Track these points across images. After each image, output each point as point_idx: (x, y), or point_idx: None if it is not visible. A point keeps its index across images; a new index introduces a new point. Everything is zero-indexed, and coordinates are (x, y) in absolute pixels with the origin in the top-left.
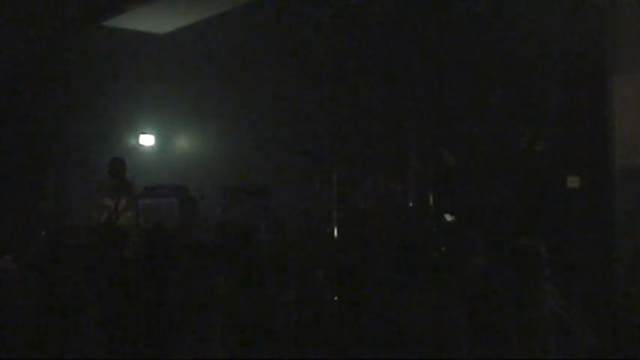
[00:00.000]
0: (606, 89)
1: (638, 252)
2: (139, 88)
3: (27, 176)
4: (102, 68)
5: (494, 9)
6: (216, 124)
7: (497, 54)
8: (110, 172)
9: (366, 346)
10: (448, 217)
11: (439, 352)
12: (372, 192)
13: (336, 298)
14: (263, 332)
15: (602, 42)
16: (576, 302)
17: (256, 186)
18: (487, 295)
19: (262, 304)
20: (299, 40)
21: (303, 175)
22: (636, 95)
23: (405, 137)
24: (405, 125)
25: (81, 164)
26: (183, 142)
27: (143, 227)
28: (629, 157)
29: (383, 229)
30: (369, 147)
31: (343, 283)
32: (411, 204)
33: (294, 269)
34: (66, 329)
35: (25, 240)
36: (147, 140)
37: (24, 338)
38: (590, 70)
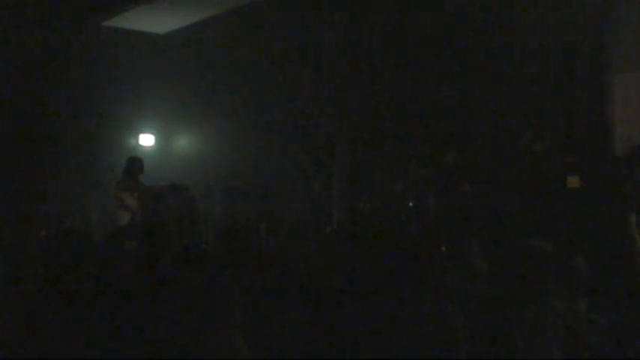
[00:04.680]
0: (606, 89)
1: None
2: (139, 88)
3: (26, 176)
4: (102, 68)
5: (495, 9)
6: (217, 124)
7: (497, 54)
8: (131, 172)
9: (363, 347)
10: None
11: (437, 354)
12: (372, 192)
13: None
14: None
15: (602, 42)
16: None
17: (256, 186)
18: (491, 297)
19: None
20: (299, 39)
21: (303, 176)
22: (636, 95)
23: (406, 138)
24: (405, 126)
25: (81, 164)
26: (183, 142)
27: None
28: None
29: (383, 229)
30: (369, 147)
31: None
32: (411, 204)
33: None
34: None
35: (23, 240)
36: (147, 140)
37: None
38: (590, 70)
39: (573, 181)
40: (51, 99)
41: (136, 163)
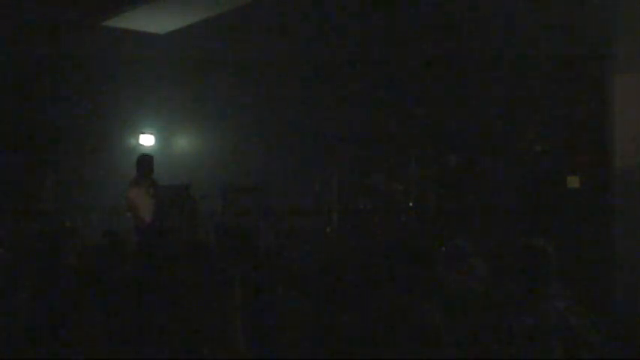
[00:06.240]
0: (606, 89)
1: (638, 252)
2: (139, 88)
3: (26, 176)
4: (102, 68)
5: (495, 9)
6: (216, 124)
7: (497, 54)
8: (144, 172)
9: (361, 345)
10: None
11: (425, 354)
12: (372, 192)
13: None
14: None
15: (602, 42)
16: (576, 302)
17: (256, 185)
18: (490, 297)
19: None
20: (299, 40)
21: (303, 175)
22: (636, 95)
23: (406, 138)
24: (406, 126)
25: (81, 164)
26: (183, 142)
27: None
28: (629, 157)
29: (383, 229)
30: (369, 147)
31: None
32: (411, 204)
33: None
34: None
35: (22, 240)
36: (147, 140)
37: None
38: (590, 70)
39: (573, 181)
40: (51, 99)
41: (142, 160)
